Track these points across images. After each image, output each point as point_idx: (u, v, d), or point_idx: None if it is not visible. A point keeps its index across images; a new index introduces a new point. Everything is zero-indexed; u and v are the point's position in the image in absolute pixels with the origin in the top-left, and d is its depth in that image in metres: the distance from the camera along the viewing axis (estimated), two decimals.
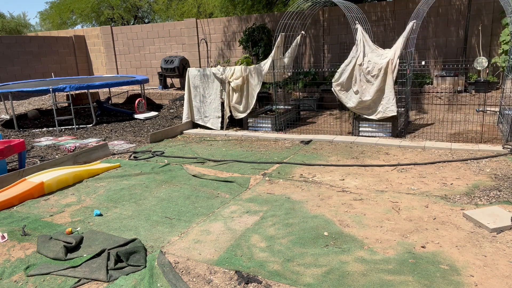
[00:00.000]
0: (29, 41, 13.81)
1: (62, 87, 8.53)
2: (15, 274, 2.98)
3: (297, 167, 5.30)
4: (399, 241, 3.21)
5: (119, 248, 3.18)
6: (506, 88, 6.61)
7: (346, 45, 10.53)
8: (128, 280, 2.82)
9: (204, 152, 6.26)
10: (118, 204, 4.27)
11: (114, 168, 5.53)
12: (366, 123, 6.77)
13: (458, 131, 6.89)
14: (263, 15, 11.69)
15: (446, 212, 3.70)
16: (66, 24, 21.62)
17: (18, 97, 12.49)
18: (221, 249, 3.21)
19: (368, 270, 2.81)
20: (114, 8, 20.66)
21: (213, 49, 12.65)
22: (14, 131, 8.62)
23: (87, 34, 15.24)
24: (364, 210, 3.83)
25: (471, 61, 9.04)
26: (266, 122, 7.58)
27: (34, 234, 3.60)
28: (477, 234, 3.26)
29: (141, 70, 14.18)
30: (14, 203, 4.35)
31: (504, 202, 3.85)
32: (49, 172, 4.96)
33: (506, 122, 6.13)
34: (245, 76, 7.45)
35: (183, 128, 7.84)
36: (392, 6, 10.00)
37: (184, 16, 17.76)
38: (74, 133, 8.19)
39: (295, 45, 8.21)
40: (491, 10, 9.03)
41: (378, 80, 6.36)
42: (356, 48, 6.56)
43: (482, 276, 2.70)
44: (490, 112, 8.04)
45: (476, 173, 4.73)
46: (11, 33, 27.79)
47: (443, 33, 9.58)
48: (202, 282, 2.76)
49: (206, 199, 4.30)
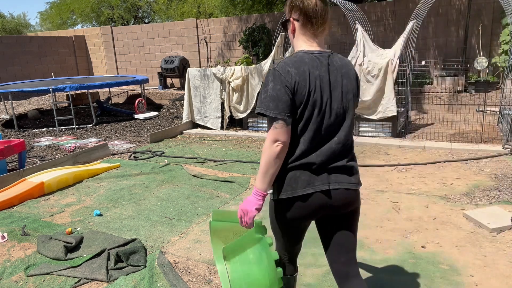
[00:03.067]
0: (29, 41, 13.81)
1: (62, 87, 8.53)
2: (15, 274, 2.98)
3: None
4: (399, 241, 3.21)
5: (119, 248, 3.18)
6: (506, 88, 6.61)
7: (346, 45, 10.53)
8: (128, 280, 2.82)
9: (204, 152, 6.26)
10: (118, 204, 4.27)
11: (114, 168, 5.53)
12: (366, 123, 6.77)
13: (458, 131, 6.89)
14: (263, 15, 11.69)
15: (446, 212, 3.70)
16: (66, 24, 21.63)
17: (18, 97, 12.49)
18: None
19: (368, 270, 2.81)
20: (114, 8, 20.66)
21: (213, 49, 12.65)
22: (14, 131, 8.62)
23: (87, 34, 15.24)
24: (364, 210, 3.83)
25: (471, 61, 9.04)
26: (266, 122, 7.58)
27: (34, 234, 3.61)
28: (477, 234, 3.26)
29: (141, 70, 14.18)
30: (14, 203, 4.35)
31: (504, 202, 3.86)
32: (49, 172, 4.96)
33: (506, 122, 6.13)
34: (245, 76, 7.45)
35: (183, 128, 7.84)
36: (392, 6, 10.00)
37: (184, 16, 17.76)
38: (74, 133, 8.20)
39: None
40: (491, 10, 9.03)
41: (378, 80, 6.36)
42: (356, 48, 6.56)
43: (482, 276, 2.70)
44: (490, 112, 8.05)
45: (476, 173, 4.73)
46: (11, 33, 27.79)
47: (443, 33, 9.58)
48: (202, 282, 2.76)
49: (206, 199, 4.30)
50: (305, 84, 1.69)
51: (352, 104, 1.81)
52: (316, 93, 1.71)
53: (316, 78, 1.71)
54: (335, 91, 1.75)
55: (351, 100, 1.80)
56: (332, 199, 1.75)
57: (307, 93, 1.69)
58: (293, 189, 1.74)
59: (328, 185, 1.73)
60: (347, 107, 1.79)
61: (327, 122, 1.74)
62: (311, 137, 1.73)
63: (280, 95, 1.67)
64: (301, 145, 1.73)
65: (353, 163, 1.82)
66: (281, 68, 1.70)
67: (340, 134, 1.78)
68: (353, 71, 1.83)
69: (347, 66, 1.81)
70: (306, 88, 1.69)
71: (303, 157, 1.73)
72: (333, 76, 1.75)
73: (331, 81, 1.75)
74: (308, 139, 1.73)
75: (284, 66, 1.71)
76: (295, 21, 1.79)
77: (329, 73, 1.74)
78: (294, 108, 1.70)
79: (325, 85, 1.73)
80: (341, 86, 1.76)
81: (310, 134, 1.73)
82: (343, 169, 1.77)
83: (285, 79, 1.68)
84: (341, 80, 1.77)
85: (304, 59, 1.73)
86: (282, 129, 1.67)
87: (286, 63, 1.72)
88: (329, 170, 1.75)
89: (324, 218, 1.85)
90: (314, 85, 1.71)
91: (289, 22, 1.82)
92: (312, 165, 1.73)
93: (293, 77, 1.68)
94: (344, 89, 1.77)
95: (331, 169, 1.75)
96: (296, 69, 1.70)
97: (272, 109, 1.67)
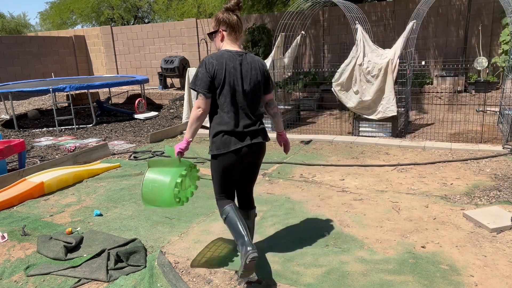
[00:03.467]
0: (29, 41, 13.81)
1: (62, 87, 8.53)
2: (15, 274, 2.98)
3: (297, 167, 5.30)
4: (399, 241, 3.21)
5: (119, 248, 3.18)
6: (506, 88, 6.61)
7: (346, 45, 10.53)
8: (128, 280, 2.82)
9: (204, 152, 6.26)
10: (118, 204, 4.27)
11: (114, 168, 5.53)
12: (366, 123, 6.77)
13: (458, 131, 6.89)
14: (263, 15, 11.69)
15: (446, 212, 3.70)
16: (66, 24, 21.62)
17: (18, 97, 12.49)
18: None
19: (368, 270, 2.81)
20: (114, 8, 20.66)
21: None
22: (14, 131, 8.62)
23: (87, 34, 15.24)
24: (364, 210, 3.83)
25: (471, 61, 9.04)
26: (266, 122, 7.59)
27: (34, 234, 3.60)
28: (477, 234, 3.26)
29: (141, 70, 14.18)
30: (14, 203, 4.35)
31: (504, 202, 3.85)
32: (49, 172, 4.96)
33: (506, 122, 6.13)
34: None
35: (183, 128, 7.85)
36: (392, 6, 10.00)
37: (184, 16, 17.76)
38: (74, 133, 8.20)
39: (295, 45, 8.21)
40: (491, 10, 9.03)
41: (378, 80, 6.36)
42: (356, 48, 6.56)
43: (482, 276, 2.70)
44: (490, 112, 8.05)
45: (476, 173, 4.73)
46: (11, 33, 27.79)
47: (443, 33, 9.58)
48: (202, 282, 2.76)
49: (206, 199, 4.30)
50: (222, 72, 2.53)
51: (259, 87, 2.67)
52: (230, 78, 2.55)
53: (231, 69, 2.55)
54: (246, 78, 2.60)
55: (257, 84, 2.65)
56: (254, 149, 2.66)
57: (223, 78, 2.54)
58: (227, 147, 2.58)
59: (250, 141, 2.61)
60: (255, 89, 2.65)
61: (240, 100, 2.59)
62: (232, 110, 2.57)
63: (203, 78, 2.53)
64: (225, 118, 2.57)
65: (262, 126, 2.71)
66: (208, 59, 2.56)
67: (252, 108, 2.64)
68: (260, 65, 2.69)
69: (255, 62, 2.67)
70: (223, 75, 2.53)
71: (230, 126, 2.57)
72: (244, 68, 2.60)
73: (242, 71, 2.59)
74: (229, 112, 2.57)
75: (210, 58, 2.56)
76: (224, 31, 2.65)
77: (241, 66, 2.60)
78: (214, 88, 2.56)
79: (238, 73, 2.57)
80: (250, 75, 2.61)
81: (229, 107, 2.56)
82: (256, 131, 2.66)
83: (208, 67, 2.53)
84: (250, 71, 2.62)
85: (224, 55, 2.58)
86: (203, 100, 2.55)
87: (212, 56, 2.57)
88: (248, 132, 2.61)
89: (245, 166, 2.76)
90: (229, 73, 2.54)
91: (218, 32, 2.67)
92: (237, 131, 2.58)
93: (214, 66, 2.53)
94: (253, 78, 2.63)
95: (249, 132, 2.62)
96: (217, 61, 2.55)
97: (197, 86, 2.54)
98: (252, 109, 2.64)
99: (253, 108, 2.64)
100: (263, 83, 2.69)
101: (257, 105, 2.68)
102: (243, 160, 2.65)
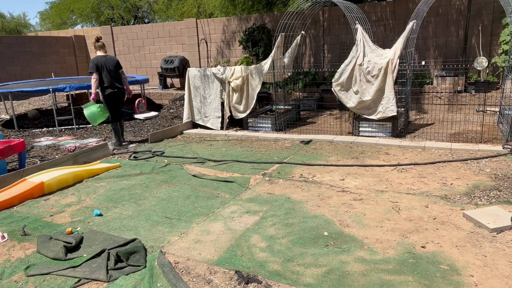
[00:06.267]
0: (29, 41, 13.82)
1: (62, 87, 8.53)
2: (15, 274, 2.98)
3: (297, 167, 5.30)
4: (399, 241, 3.21)
5: (119, 248, 3.18)
6: (506, 88, 6.61)
7: (346, 45, 10.53)
8: (128, 280, 2.82)
9: (204, 152, 6.27)
10: (118, 204, 4.27)
11: (114, 168, 5.53)
12: (366, 123, 6.77)
13: (458, 131, 6.89)
14: (263, 15, 11.69)
15: (446, 212, 3.70)
16: (66, 24, 21.63)
17: (18, 97, 12.49)
18: (221, 249, 3.21)
19: (368, 270, 2.81)
20: (114, 8, 20.66)
21: (213, 49, 12.66)
22: (14, 131, 8.62)
23: (87, 34, 15.24)
24: (364, 210, 3.83)
25: (471, 61, 9.05)
26: (266, 122, 7.58)
27: (34, 234, 3.61)
28: (477, 234, 3.26)
29: (141, 70, 14.18)
30: (14, 203, 4.35)
31: (504, 202, 3.86)
32: (49, 172, 4.96)
33: (506, 122, 6.13)
34: (245, 76, 7.45)
35: (183, 128, 7.85)
36: (392, 6, 10.00)
37: (184, 16, 17.77)
38: (74, 133, 8.20)
39: (295, 45, 8.21)
40: (491, 10, 9.04)
41: (378, 80, 6.36)
42: (356, 48, 6.56)
43: (482, 276, 2.70)
44: (490, 112, 8.05)
45: (476, 173, 4.73)
46: (11, 33, 27.80)
47: (443, 33, 9.58)
48: (202, 282, 2.76)
49: (206, 199, 4.30)
50: (101, 63, 6.52)
51: (117, 71, 6.74)
52: (105, 66, 6.54)
53: (104, 62, 6.55)
54: (111, 66, 6.61)
55: (115, 69, 6.69)
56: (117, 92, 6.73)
57: (101, 66, 6.51)
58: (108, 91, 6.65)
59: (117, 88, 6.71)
60: (115, 71, 6.68)
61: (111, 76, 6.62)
62: (108, 81, 6.58)
63: (94, 66, 6.48)
64: (106, 83, 6.58)
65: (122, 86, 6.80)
66: (96, 59, 6.54)
67: (117, 80, 6.71)
68: (115, 60, 6.73)
69: (112, 59, 6.70)
70: (101, 64, 6.51)
71: (108, 87, 6.60)
72: (108, 62, 6.60)
73: (108, 63, 6.59)
74: (107, 81, 6.58)
75: (96, 58, 6.54)
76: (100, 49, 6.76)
77: (107, 60, 6.59)
78: (99, 70, 6.51)
79: (107, 64, 6.57)
80: (111, 65, 6.62)
81: (107, 79, 6.56)
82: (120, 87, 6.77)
83: (96, 61, 6.50)
84: (111, 63, 6.65)
85: (101, 57, 6.60)
86: (95, 75, 6.47)
87: (97, 57, 6.56)
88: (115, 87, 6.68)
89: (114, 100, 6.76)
90: (103, 64, 6.53)
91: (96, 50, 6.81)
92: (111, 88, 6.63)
93: (98, 61, 6.51)
94: (112, 67, 6.65)
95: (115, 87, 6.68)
96: (99, 59, 6.53)
97: (91, 69, 6.52)
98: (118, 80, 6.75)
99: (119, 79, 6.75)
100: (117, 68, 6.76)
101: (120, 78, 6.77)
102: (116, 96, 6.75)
